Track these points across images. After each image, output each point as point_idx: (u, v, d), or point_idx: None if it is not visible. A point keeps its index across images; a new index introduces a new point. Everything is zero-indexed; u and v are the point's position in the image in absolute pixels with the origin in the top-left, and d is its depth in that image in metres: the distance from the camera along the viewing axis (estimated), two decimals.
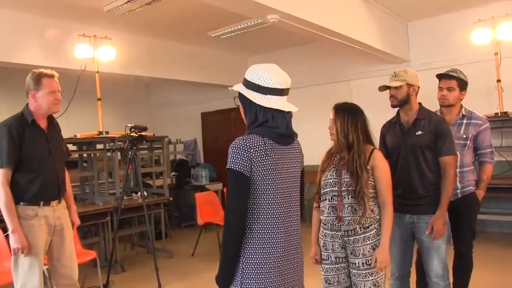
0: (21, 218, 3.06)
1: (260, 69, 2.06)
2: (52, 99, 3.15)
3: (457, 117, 3.62)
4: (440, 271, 3.16)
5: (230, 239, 2.01)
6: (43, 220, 3.15)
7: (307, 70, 8.06)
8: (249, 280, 2.01)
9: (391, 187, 2.71)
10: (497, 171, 5.99)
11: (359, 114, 2.73)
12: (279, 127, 2.02)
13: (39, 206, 3.14)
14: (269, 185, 2.00)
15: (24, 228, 3.06)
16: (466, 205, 3.57)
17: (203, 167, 8.63)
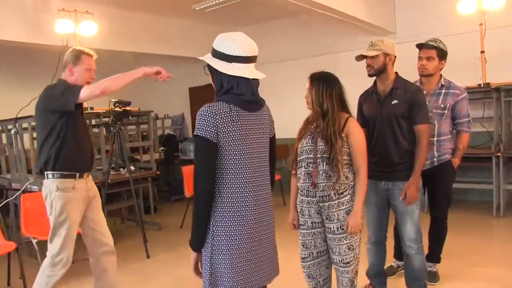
0: (59, 190, 3.15)
1: (225, 38, 2.10)
2: (87, 76, 3.24)
3: (436, 87, 3.69)
4: (413, 235, 3.27)
5: (199, 204, 2.07)
6: (79, 192, 3.23)
7: (295, 43, 8.08)
8: (220, 243, 2.07)
9: (365, 154, 2.78)
10: (478, 141, 6.13)
11: (334, 82, 2.77)
12: (245, 94, 2.07)
13: (75, 178, 3.22)
14: (236, 151, 2.05)
15: (63, 200, 3.16)
16: (442, 172, 3.67)
17: (190, 141, 8.69)
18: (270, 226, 2.22)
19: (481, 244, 4.85)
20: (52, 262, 3.20)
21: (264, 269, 2.19)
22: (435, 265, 3.92)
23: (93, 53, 3.34)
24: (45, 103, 3.16)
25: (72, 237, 3.24)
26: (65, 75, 3.26)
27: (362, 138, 2.78)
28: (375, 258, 3.55)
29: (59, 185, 3.16)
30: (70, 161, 3.17)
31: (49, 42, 5.88)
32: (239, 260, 2.09)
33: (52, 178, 3.16)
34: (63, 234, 3.18)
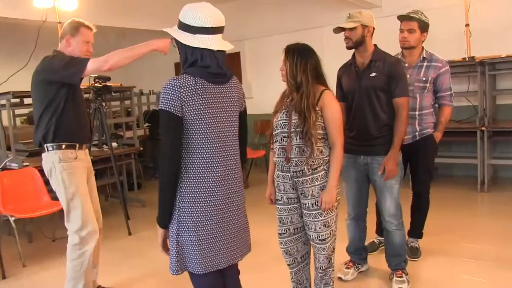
0: (63, 161, 3.09)
1: (190, 9, 2.03)
2: (85, 49, 3.16)
3: (418, 60, 3.63)
4: (393, 211, 3.25)
5: (164, 180, 2.04)
6: (81, 162, 3.18)
7: (279, 17, 7.94)
8: (186, 219, 2.04)
9: (341, 128, 2.71)
10: (463, 115, 6.11)
11: (309, 54, 2.68)
12: (210, 66, 2.02)
13: (75, 149, 3.17)
14: (202, 125, 2.00)
15: (68, 170, 3.11)
16: (423, 147, 3.65)
17: None
18: (239, 203, 2.18)
19: (465, 219, 4.84)
20: (79, 238, 3.12)
21: (233, 246, 2.16)
22: (417, 241, 3.92)
23: (93, 26, 3.26)
24: (44, 75, 3.04)
25: (89, 207, 3.16)
26: (62, 46, 3.17)
27: (338, 111, 2.69)
28: (355, 234, 3.54)
29: (61, 156, 3.09)
30: (70, 131, 3.10)
31: (28, 17, 5.69)
32: (206, 237, 2.05)
33: (53, 150, 3.09)
34: (79, 206, 3.12)
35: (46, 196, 4.71)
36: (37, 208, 4.59)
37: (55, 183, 3.15)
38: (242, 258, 2.25)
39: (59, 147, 3.10)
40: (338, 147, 2.68)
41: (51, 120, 3.07)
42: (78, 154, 3.17)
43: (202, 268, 2.07)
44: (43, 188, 4.73)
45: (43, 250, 3.14)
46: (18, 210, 4.47)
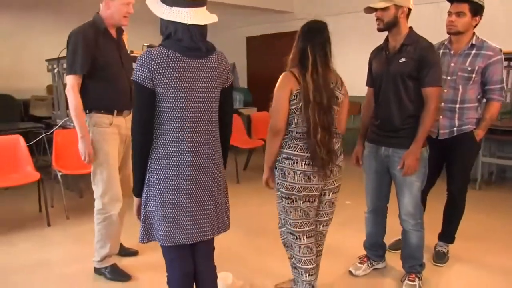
0: (96, 126, 3.16)
1: None
2: (125, 11, 3.17)
3: (465, 47, 3.25)
4: (411, 209, 3.01)
5: (136, 149, 2.07)
6: (116, 129, 3.24)
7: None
8: (153, 191, 2.07)
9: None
10: None
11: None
12: (183, 39, 1.98)
13: (113, 115, 3.21)
14: (172, 98, 1.98)
15: (99, 136, 3.17)
16: (461, 144, 3.32)
17: (238, 91, 8.60)
18: (214, 180, 2.15)
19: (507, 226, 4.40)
20: (102, 203, 3.23)
21: (203, 223, 2.14)
22: (446, 246, 3.62)
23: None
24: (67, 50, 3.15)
25: (114, 175, 3.22)
26: (102, 8, 3.19)
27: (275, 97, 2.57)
28: (372, 229, 3.35)
29: (96, 120, 3.17)
30: (105, 98, 3.15)
31: None
32: (172, 211, 2.06)
33: (89, 114, 3.17)
34: (104, 172, 3.19)
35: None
36: (84, 166, 4.82)
37: (80, 141, 3.19)
38: (214, 235, 2.23)
39: (96, 112, 3.17)
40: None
41: (89, 85, 3.14)
42: (114, 120, 3.21)
43: (166, 240, 2.09)
44: None
45: (88, 206, 3.29)
46: (66, 167, 4.74)
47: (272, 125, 2.56)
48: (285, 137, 2.59)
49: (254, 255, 3.74)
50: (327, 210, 2.75)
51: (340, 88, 2.61)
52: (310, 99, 2.46)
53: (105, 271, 3.29)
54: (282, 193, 2.64)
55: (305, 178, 2.54)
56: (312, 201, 2.62)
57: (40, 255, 3.75)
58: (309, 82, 2.46)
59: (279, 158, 2.61)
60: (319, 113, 2.47)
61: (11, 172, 4.55)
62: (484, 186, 5.79)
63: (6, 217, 4.65)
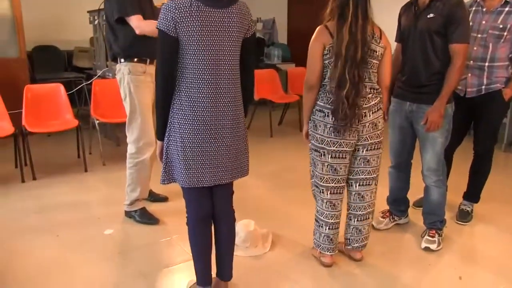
0: (131, 73, 3.27)
1: None
2: None
3: (498, 4, 3.17)
4: (434, 165, 3.03)
5: (159, 95, 2.17)
6: (149, 77, 3.33)
7: None
8: (174, 134, 2.17)
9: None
10: None
11: None
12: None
13: (146, 64, 3.32)
14: (194, 46, 2.06)
15: (135, 83, 3.29)
16: (488, 103, 3.28)
17: (277, 46, 8.59)
18: (233, 127, 2.23)
19: None
20: (136, 147, 3.37)
21: (222, 167, 2.23)
22: (471, 205, 3.62)
23: None
24: (107, 1, 3.25)
25: (149, 122, 3.34)
26: None
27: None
28: (395, 184, 3.40)
29: (131, 68, 3.28)
30: (140, 46, 3.23)
31: None
32: (191, 154, 2.16)
33: (124, 62, 3.29)
34: (139, 118, 3.32)
35: None
36: (120, 115, 5.00)
37: (122, 93, 3.37)
38: (232, 180, 2.32)
39: (131, 60, 3.28)
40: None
41: (122, 34, 3.24)
42: (148, 68, 3.32)
43: (186, 182, 2.20)
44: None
45: (124, 154, 3.46)
46: (104, 115, 4.94)
47: (306, 79, 2.59)
48: (320, 90, 2.62)
49: (284, 207, 3.84)
50: (361, 168, 2.70)
51: (378, 40, 2.54)
52: (342, 53, 2.43)
53: (135, 214, 3.48)
54: (313, 145, 2.69)
55: (335, 132, 2.55)
56: (342, 157, 2.62)
57: (77, 197, 4.00)
58: (345, 35, 2.42)
59: (313, 110, 2.65)
60: (350, 67, 2.44)
61: (52, 119, 4.80)
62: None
63: (47, 162, 4.92)
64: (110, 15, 3.23)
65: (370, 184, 2.76)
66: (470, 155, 3.52)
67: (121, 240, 3.27)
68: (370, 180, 2.75)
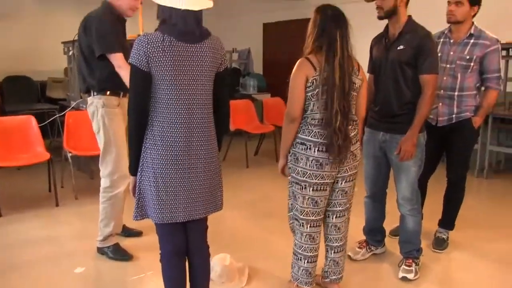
0: (105, 106, 3.25)
1: None
2: (133, 4, 3.26)
3: (464, 36, 3.28)
4: (408, 194, 3.06)
5: (131, 129, 2.16)
6: (123, 110, 3.25)
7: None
8: (147, 170, 2.15)
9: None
10: None
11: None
12: (178, 24, 2.05)
13: (120, 97, 3.31)
14: (166, 81, 2.06)
15: (109, 116, 3.26)
16: (459, 131, 3.36)
17: (253, 76, 8.68)
18: (207, 161, 2.22)
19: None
20: (111, 181, 3.31)
21: (195, 202, 2.21)
22: (446, 232, 3.64)
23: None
24: (84, 34, 3.22)
25: (124, 155, 3.28)
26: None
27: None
28: (370, 214, 3.40)
29: (105, 101, 3.25)
30: (115, 80, 3.19)
31: None
32: (164, 189, 2.14)
33: (98, 95, 3.26)
34: (114, 151, 3.28)
35: None
36: (94, 148, 4.93)
37: (96, 126, 3.33)
38: (206, 215, 2.30)
39: (105, 93, 3.26)
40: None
41: (98, 68, 3.22)
42: (121, 101, 3.30)
43: (159, 218, 2.17)
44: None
45: (98, 187, 3.38)
46: (77, 148, 4.86)
47: (288, 112, 2.56)
48: (301, 123, 2.58)
49: (261, 237, 3.80)
50: (339, 200, 2.69)
51: (357, 73, 2.57)
52: (336, 84, 2.44)
53: (108, 250, 3.39)
54: (294, 178, 2.64)
55: (317, 164, 2.53)
56: (323, 189, 2.60)
57: (47, 232, 3.88)
58: (335, 67, 2.44)
59: (293, 143, 2.62)
60: (341, 99, 2.46)
61: (22, 152, 4.69)
62: (492, 174, 5.78)
63: (18, 196, 4.80)
64: (88, 49, 3.22)
65: (345, 215, 2.76)
66: (444, 182, 3.56)
67: (93, 278, 3.18)
68: (345, 211, 2.75)
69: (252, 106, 6.88)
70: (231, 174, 5.59)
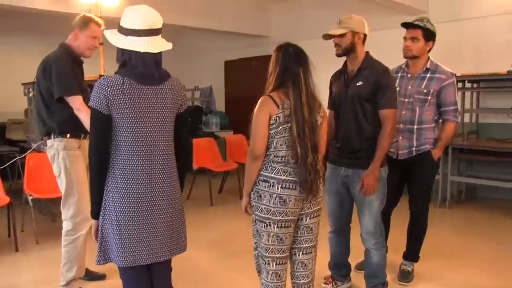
0: (66, 149, 3.22)
1: (126, 11, 2.12)
2: (91, 44, 3.29)
3: (421, 70, 3.41)
4: (371, 228, 3.08)
5: (93, 172, 2.14)
6: (83, 152, 3.25)
7: (325, 20, 7.77)
8: (110, 213, 2.12)
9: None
10: (506, 134, 5.65)
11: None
12: (137, 67, 2.07)
13: (80, 139, 3.29)
14: (127, 123, 2.06)
15: (70, 159, 3.23)
16: (420, 164, 3.44)
17: (215, 114, 8.75)
18: (170, 203, 2.20)
19: (482, 248, 4.41)
20: (73, 224, 3.26)
21: (159, 244, 2.18)
22: (411, 264, 3.67)
23: (102, 23, 3.35)
24: (43, 76, 3.21)
25: (86, 197, 3.20)
26: (70, 38, 3.29)
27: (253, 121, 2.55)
28: (335, 249, 3.40)
29: (66, 144, 3.22)
30: (76, 122, 3.18)
31: (73, 10, 5.98)
32: (127, 232, 2.10)
33: (58, 138, 3.23)
34: (76, 194, 3.24)
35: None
36: (56, 191, 4.82)
37: (56, 169, 3.28)
38: (170, 257, 2.27)
39: (65, 136, 3.23)
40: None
41: (57, 110, 3.19)
42: (82, 143, 3.27)
43: (122, 261, 2.13)
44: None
45: (60, 230, 3.30)
46: (38, 191, 4.74)
47: (251, 150, 2.53)
48: (263, 160, 2.56)
49: (225, 279, 3.75)
50: (305, 237, 2.65)
51: (318, 110, 2.58)
52: (306, 120, 2.44)
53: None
54: (257, 216, 2.59)
55: (281, 201, 2.49)
56: (287, 226, 2.56)
57: (6, 280, 3.74)
58: (304, 103, 2.45)
59: (256, 180, 2.59)
60: (310, 134, 2.46)
61: None
62: (454, 204, 5.91)
63: None
64: (47, 92, 3.20)
65: (313, 251, 2.72)
66: (408, 214, 3.61)
67: None
68: (312, 247, 2.70)
69: (215, 144, 6.91)
70: (196, 213, 5.54)
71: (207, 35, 9.36)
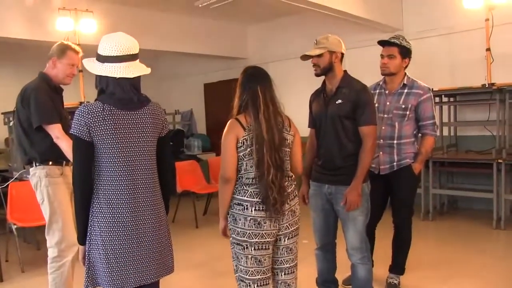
0: (49, 176, 3.22)
1: (102, 39, 2.17)
2: (69, 72, 3.31)
3: (398, 87, 3.50)
4: (357, 244, 3.11)
5: (77, 198, 2.16)
6: (67, 179, 3.27)
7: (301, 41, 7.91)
8: (96, 238, 2.14)
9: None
10: (483, 146, 5.78)
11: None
12: (116, 93, 2.12)
13: (63, 165, 3.29)
14: (109, 149, 2.09)
15: (53, 186, 3.23)
16: (401, 178, 3.50)
17: (196, 137, 8.83)
18: (155, 226, 2.23)
19: (466, 257, 4.49)
20: (58, 250, 3.24)
21: (146, 267, 2.21)
22: (398, 277, 3.71)
23: (79, 50, 3.38)
24: (21, 105, 3.22)
25: (70, 223, 3.22)
26: (48, 67, 3.31)
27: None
28: (323, 265, 3.41)
29: (48, 171, 3.22)
30: (56, 151, 3.18)
31: (50, 38, 5.92)
32: (114, 256, 2.13)
33: (40, 166, 3.23)
34: (60, 220, 3.23)
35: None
36: (40, 218, 4.78)
37: (40, 197, 3.28)
38: (157, 279, 2.29)
39: (47, 163, 3.24)
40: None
41: (39, 138, 3.20)
42: (64, 170, 3.28)
43: (110, 286, 2.15)
44: None
45: (45, 257, 3.28)
46: (22, 219, 4.70)
47: (222, 173, 2.53)
48: (236, 183, 2.56)
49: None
50: (285, 257, 2.64)
51: (288, 129, 2.60)
52: (264, 138, 2.45)
53: None
54: (234, 239, 2.59)
55: (256, 224, 2.50)
56: (265, 248, 2.55)
57: None
58: (262, 121, 2.46)
59: (230, 204, 2.59)
60: (271, 152, 2.46)
61: None
62: (438, 216, 6.01)
63: None
64: (27, 121, 3.21)
65: (294, 271, 2.72)
66: (392, 228, 3.66)
67: None
68: (293, 267, 2.70)
69: (198, 166, 6.97)
70: (181, 235, 5.53)
71: (186, 58, 9.46)
